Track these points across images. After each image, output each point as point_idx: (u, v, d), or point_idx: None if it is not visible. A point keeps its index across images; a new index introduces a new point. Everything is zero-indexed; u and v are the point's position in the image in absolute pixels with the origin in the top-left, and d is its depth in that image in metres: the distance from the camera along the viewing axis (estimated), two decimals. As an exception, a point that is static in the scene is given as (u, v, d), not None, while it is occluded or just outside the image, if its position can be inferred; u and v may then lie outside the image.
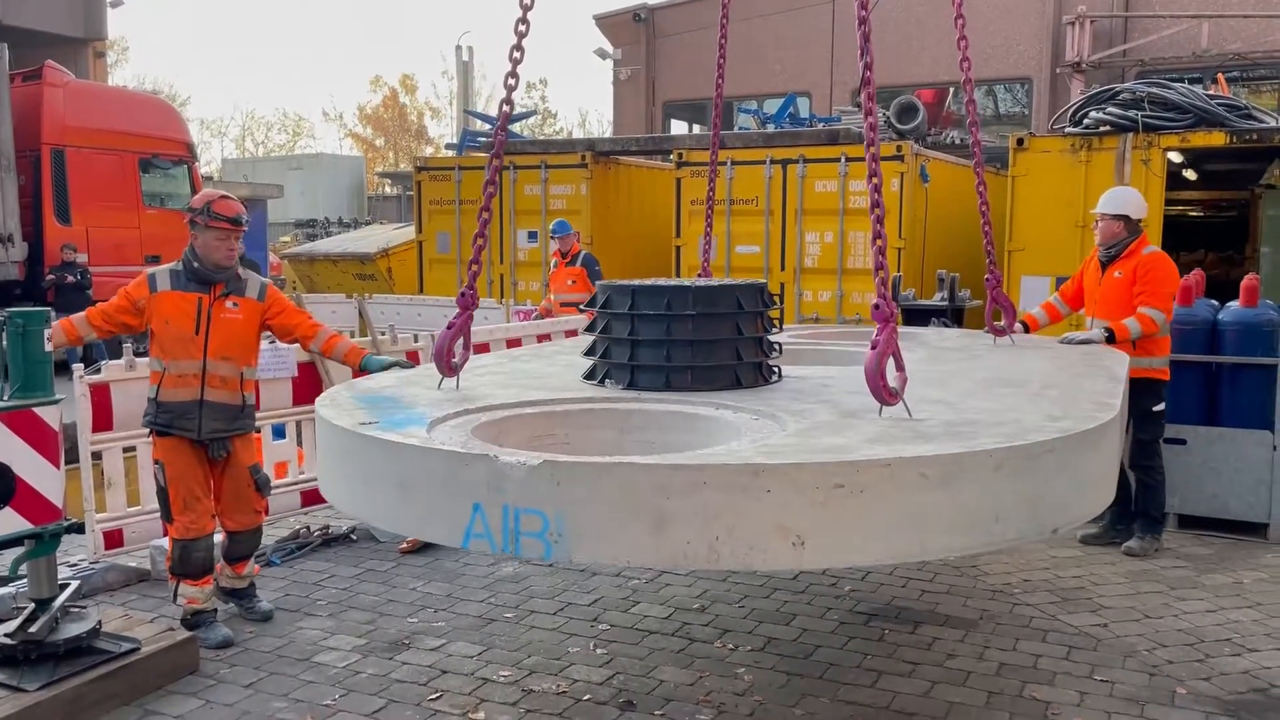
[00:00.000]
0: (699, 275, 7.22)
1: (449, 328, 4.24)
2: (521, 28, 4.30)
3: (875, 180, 3.71)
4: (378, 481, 3.33)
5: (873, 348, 3.48)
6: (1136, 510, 6.37)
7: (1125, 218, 6.25)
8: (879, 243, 3.70)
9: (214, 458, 4.86)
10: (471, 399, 3.94)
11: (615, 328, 4.20)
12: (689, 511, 2.83)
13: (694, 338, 4.07)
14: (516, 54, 4.28)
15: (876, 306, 3.57)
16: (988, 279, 5.95)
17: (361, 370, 5.02)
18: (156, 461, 4.81)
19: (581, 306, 4.51)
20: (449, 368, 4.19)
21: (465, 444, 3.21)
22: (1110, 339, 5.95)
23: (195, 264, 4.80)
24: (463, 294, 4.35)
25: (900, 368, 3.52)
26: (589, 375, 4.31)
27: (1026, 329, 6.42)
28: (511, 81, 4.40)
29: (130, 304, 4.79)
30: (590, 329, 4.38)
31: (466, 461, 3.02)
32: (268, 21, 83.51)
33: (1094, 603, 5.41)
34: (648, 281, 4.28)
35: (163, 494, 4.78)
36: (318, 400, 4.04)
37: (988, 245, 6.12)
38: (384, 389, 4.28)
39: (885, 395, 3.41)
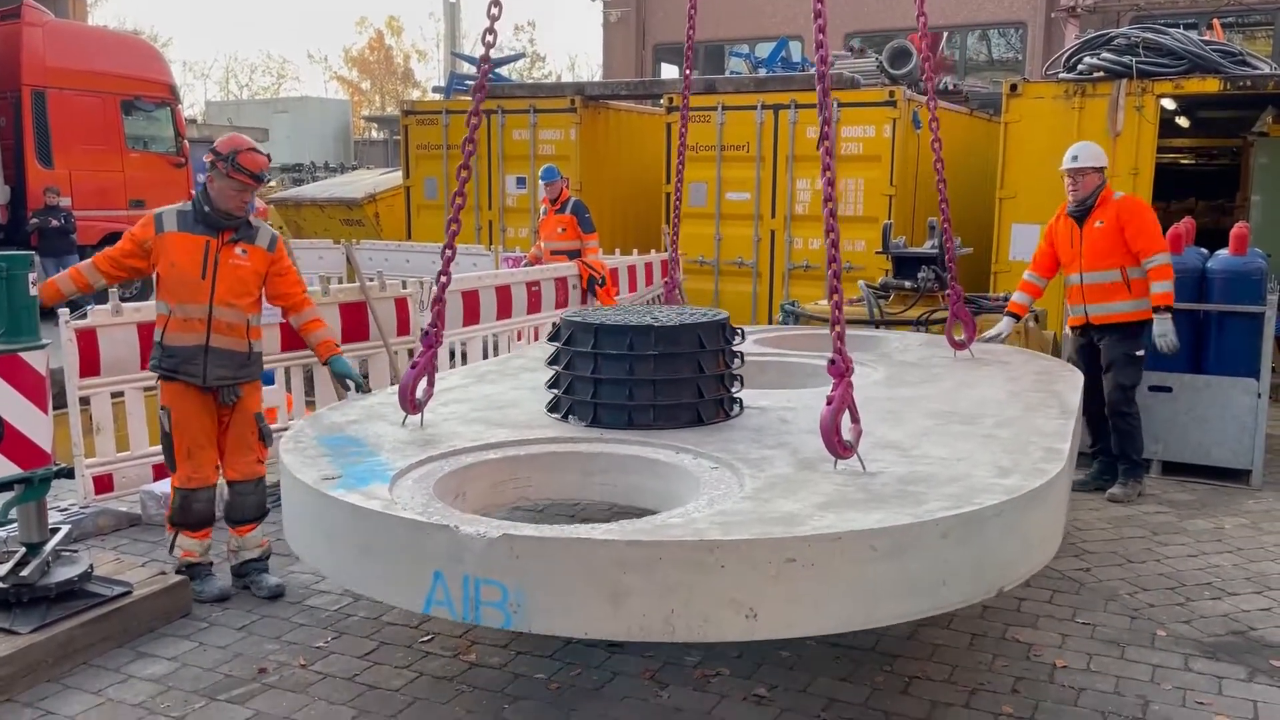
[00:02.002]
0: (670, 243, 7.16)
1: (413, 367, 4.29)
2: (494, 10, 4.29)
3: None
4: (340, 541, 3.39)
5: (828, 403, 3.55)
6: (1117, 455, 6.43)
7: (1101, 169, 6.32)
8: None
9: (224, 404, 4.78)
10: (435, 440, 4.00)
11: (578, 364, 4.27)
12: (646, 586, 2.91)
13: (656, 377, 4.14)
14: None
15: (832, 361, 3.62)
16: (949, 293, 5.96)
17: (326, 365, 5.11)
18: (163, 407, 4.72)
19: (550, 339, 4.52)
20: (413, 405, 4.23)
21: (427, 507, 3.27)
22: (1164, 311, 6.07)
23: (206, 208, 4.69)
24: (426, 331, 4.40)
25: (855, 419, 3.61)
26: (553, 408, 4.37)
27: (1017, 318, 6.48)
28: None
29: (137, 246, 4.69)
30: (554, 361, 4.42)
31: (427, 532, 3.08)
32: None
33: (1077, 548, 5.48)
34: (610, 320, 4.30)
35: (167, 440, 4.72)
36: (282, 443, 4.04)
37: (949, 248, 6.12)
38: (348, 426, 4.28)
39: (840, 450, 3.53)
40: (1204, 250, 6.99)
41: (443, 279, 4.41)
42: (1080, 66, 9.64)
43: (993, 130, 11.08)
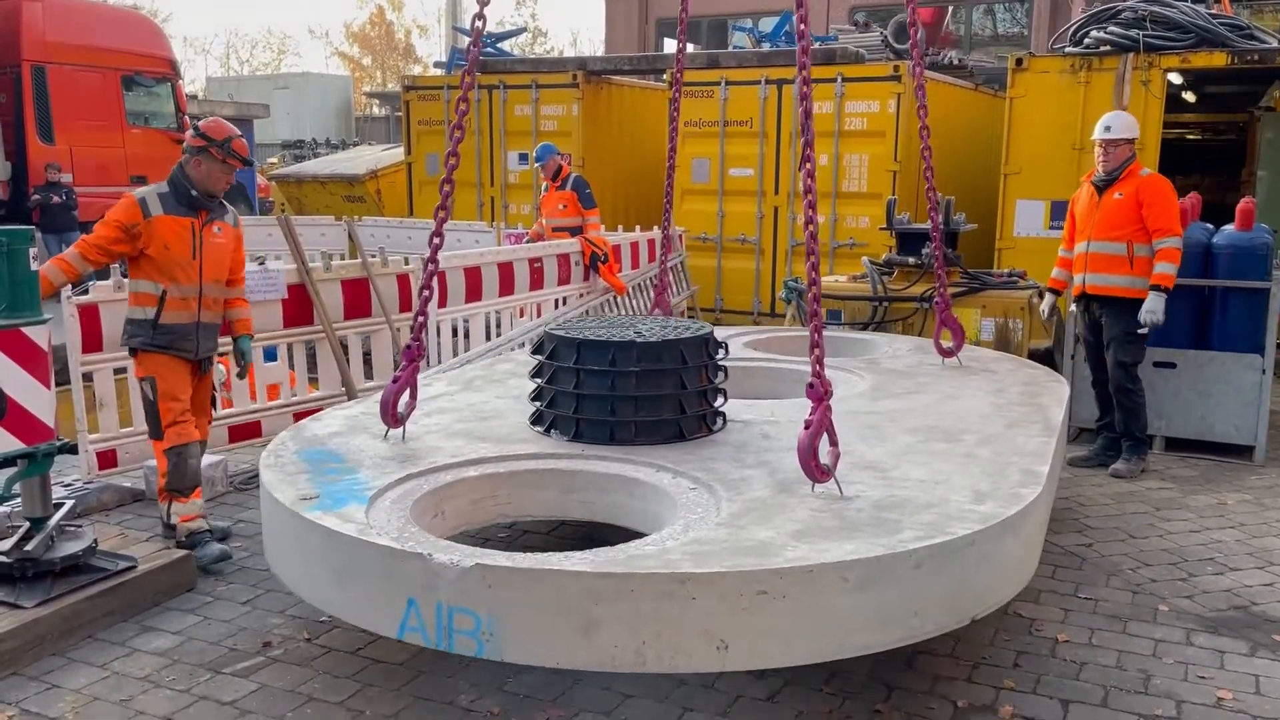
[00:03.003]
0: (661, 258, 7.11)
1: (394, 381, 4.29)
2: None
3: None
4: (315, 564, 3.40)
5: (806, 426, 3.54)
6: (1121, 433, 6.43)
7: (1133, 140, 6.24)
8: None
9: (204, 373, 5.06)
10: (415, 455, 4.00)
11: (561, 379, 4.27)
12: (617, 617, 2.91)
13: (638, 393, 4.15)
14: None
15: (810, 385, 3.62)
16: (937, 301, 5.95)
17: (235, 342, 5.23)
18: (144, 379, 4.85)
19: (533, 352, 4.51)
20: (394, 419, 4.23)
21: (402, 531, 3.27)
22: (1161, 290, 6.03)
23: (192, 190, 4.84)
24: (408, 347, 4.41)
25: (834, 442, 3.61)
26: (536, 421, 4.37)
27: (1057, 293, 6.51)
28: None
29: (123, 232, 4.74)
30: (537, 374, 4.42)
31: (401, 558, 3.08)
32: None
33: (1080, 523, 5.48)
34: (593, 335, 4.29)
35: (152, 409, 4.86)
36: (262, 456, 4.06)
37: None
38: (330, 439, 4.29)
39: (817, 474, 3.53)
40: (1209, 226, 6.95)
41: (425, 293, 4.41)
42: (1086, 40, 9.56)
43: (997, 105, 11.01)
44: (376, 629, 3.25)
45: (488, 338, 7.93)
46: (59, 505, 4.38)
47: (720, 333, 6.80)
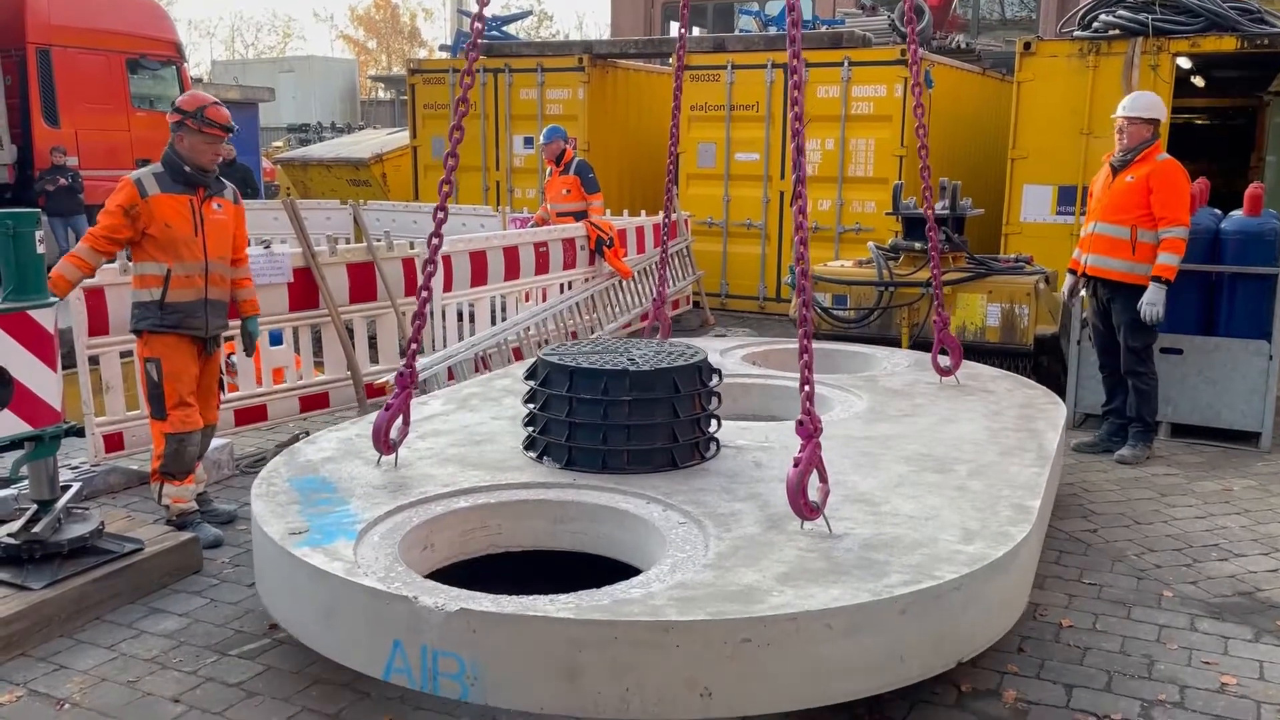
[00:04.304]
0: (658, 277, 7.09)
1: (386, 409, 4.29)
2: None
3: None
4: (304, 600, 3.42)
5: (795, 464, 3.54)
6: (1131, 417, 6.41)
7: (1155, 121, 6.18)
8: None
9: (209, 353, 5.01)
10: (407, 484, 4.02)
11: (554, 405, 4.27)
12: (600, 664, 2.92)
13: (630, 422, 4.15)
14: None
15: (800, 423, 3.60)
16: (935, 320, 5.93)
17: (243, 322, 5.25)
18: (150, 359, 4.84)
19: (526, 377, 4.50)
20: (386, 446, 4.25)
21: (389, 571, 3.28)
22: (1162, 282, 6.00)
23: (186, 168, 4.82)
24: (400, 374, 4.40)
25: (823, 479, 3.60)
26: (529, 446, 4.38)
27: (1078, 275, 6.45)
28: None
29: (125, 217, 4.72)
30: (530, 400, 4.42)
31: (387, 600, 3.09)
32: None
33: (1085, 509, 5.48)
34: (585, 363, 4.28)
35: (156, 390, 4.84)
36: (255, 485, 4.08)
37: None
38: (323, 465, 4.29)
39: (806, 512, 3.53)
40: (1218, 211, 6.91)
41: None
42: (1095, 24, 9.51)
43: (1005, 90, 10.96)
44: (362, 669, 3.26)
45: (493, 322, 7.93)
46: (66, 488, 4.40)
47: (719, 344, 6.84)
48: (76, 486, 4.50)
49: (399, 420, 4.32)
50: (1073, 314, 6.96)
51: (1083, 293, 6.59)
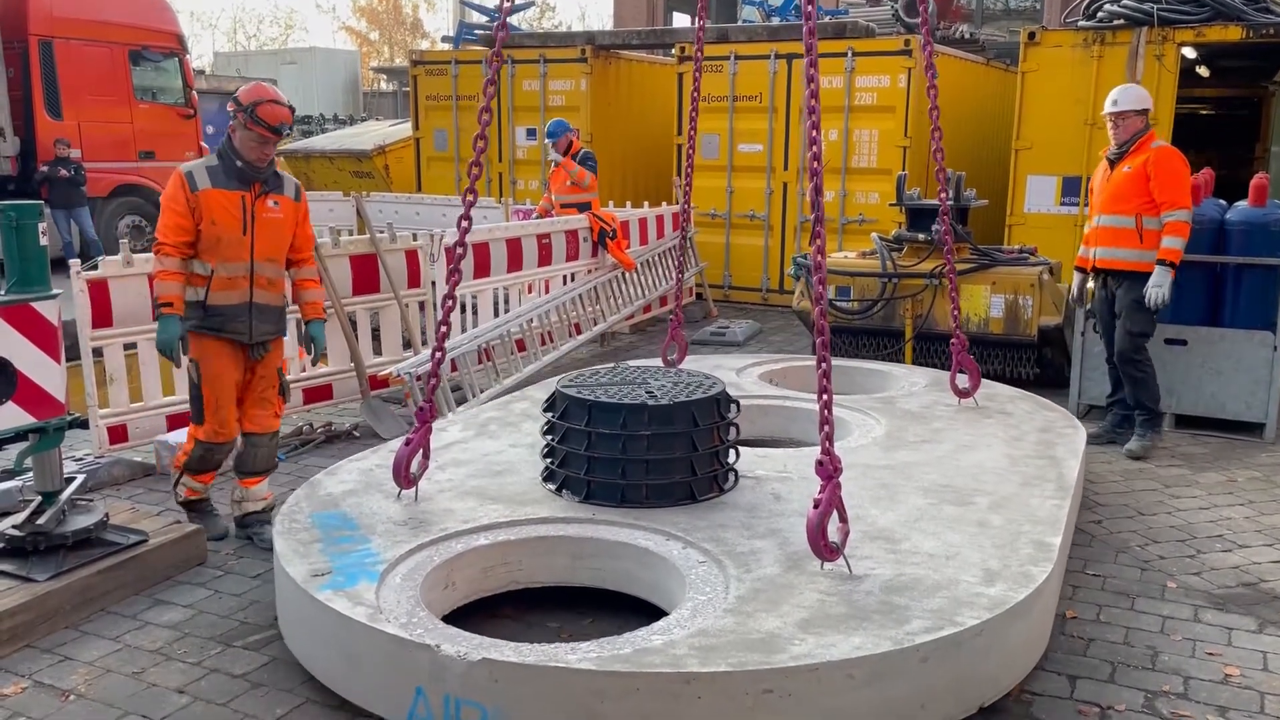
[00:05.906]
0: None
1: (406, 443, 4.28)
2: None
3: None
4: (328, 644, 3.43)
5: (815, 505, 3.53)
6: (1133, 406, 6.39)
7: (1146, 111, 6.18)
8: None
9: (255, 359, 4.72)
10: (427, 520, 4.04)
11: (572, 439, 4.27)
12: (622, 714, 2.93)
13: (649, 457, 4.14)
14: None
15: (820, 463, 3.59)
16: (953, 343, 5.90)
17: (307, 324, 4.92)
18: (192, 360, 4.63)
19: (545, 409, 4.49)
20: (407, 480, 4.26)
21: (411, 617, 3.30)
22: (1167, 265, 5.97)
23: (238, 162, 4.52)
24: (420, 408, 4.40)
25: (843, 519, 3.60)
26: (547, 478, 4.39)
27: (1085, 273, 6.45)
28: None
29: (185, 210, 4.44)
30: (549, 433, 4.42)
31: (410, 648, 3.11)
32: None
33: (1090, 500, 5.47)
34: (604, 397, 4.28)
35: (195, 392, 4.65)
36: (276, 521, 4.09)
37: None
38: (344, 498, 4.31)
39: (826, 554, 3.53)
40: (1222, 202, 6.89)
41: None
42: (1100, 14, 9.48)
43: (1009, 80, 10.93)
44: (386, 715, 3.26)
45: (496, 314, 7.93)
46: (70, 480, 4.40)
47: (735, 361, 6.81)
48: (81, 478, 4.51)
49: (419, 454, 4.33)
50: (1077, 307, 6.95)
51: (1090, 285, 6.57)
